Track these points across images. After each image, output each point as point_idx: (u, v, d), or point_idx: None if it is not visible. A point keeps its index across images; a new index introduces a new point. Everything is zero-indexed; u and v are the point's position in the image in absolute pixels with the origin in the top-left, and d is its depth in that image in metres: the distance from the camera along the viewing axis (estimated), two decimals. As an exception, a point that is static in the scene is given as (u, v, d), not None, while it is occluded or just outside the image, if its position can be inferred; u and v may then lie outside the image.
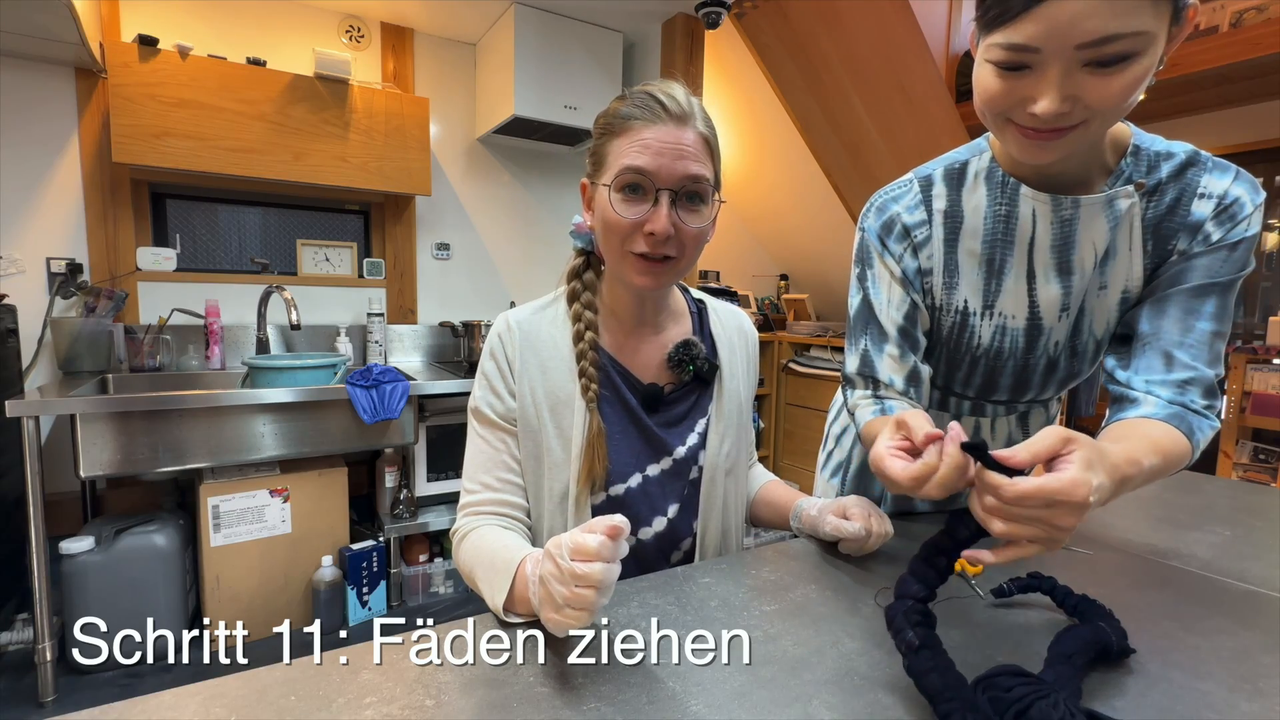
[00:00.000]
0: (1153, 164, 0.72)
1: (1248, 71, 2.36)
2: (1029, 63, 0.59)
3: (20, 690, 1.65)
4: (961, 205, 0.79)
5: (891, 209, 0.81)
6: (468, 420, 0.82)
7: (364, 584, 2.07)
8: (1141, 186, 0.71)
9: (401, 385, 2.02)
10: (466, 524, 0.76)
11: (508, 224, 2.98)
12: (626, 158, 0.71)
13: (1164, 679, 0.54)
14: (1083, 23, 0.55)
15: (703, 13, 2.37)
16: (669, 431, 0.82)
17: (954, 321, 0.82)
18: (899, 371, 0.81)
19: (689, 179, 0.71)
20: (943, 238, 0.80)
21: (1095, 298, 0.77)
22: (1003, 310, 0.79)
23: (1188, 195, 0.71)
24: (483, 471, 0.78)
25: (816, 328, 3.47)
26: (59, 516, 2.04)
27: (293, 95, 2.27)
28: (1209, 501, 1.09)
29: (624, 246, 0.73)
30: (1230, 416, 2.68)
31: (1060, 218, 0.73)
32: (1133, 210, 0.72)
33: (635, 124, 0.71)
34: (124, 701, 0.48)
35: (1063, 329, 0.79)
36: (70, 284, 2.14)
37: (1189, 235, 0.72)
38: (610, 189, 0.71)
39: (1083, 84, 0.58)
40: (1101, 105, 0.59)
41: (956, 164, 0.80)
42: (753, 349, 0.93)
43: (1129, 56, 0.56)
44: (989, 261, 0.78)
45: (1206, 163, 0.72)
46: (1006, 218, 0.76)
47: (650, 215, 0.71)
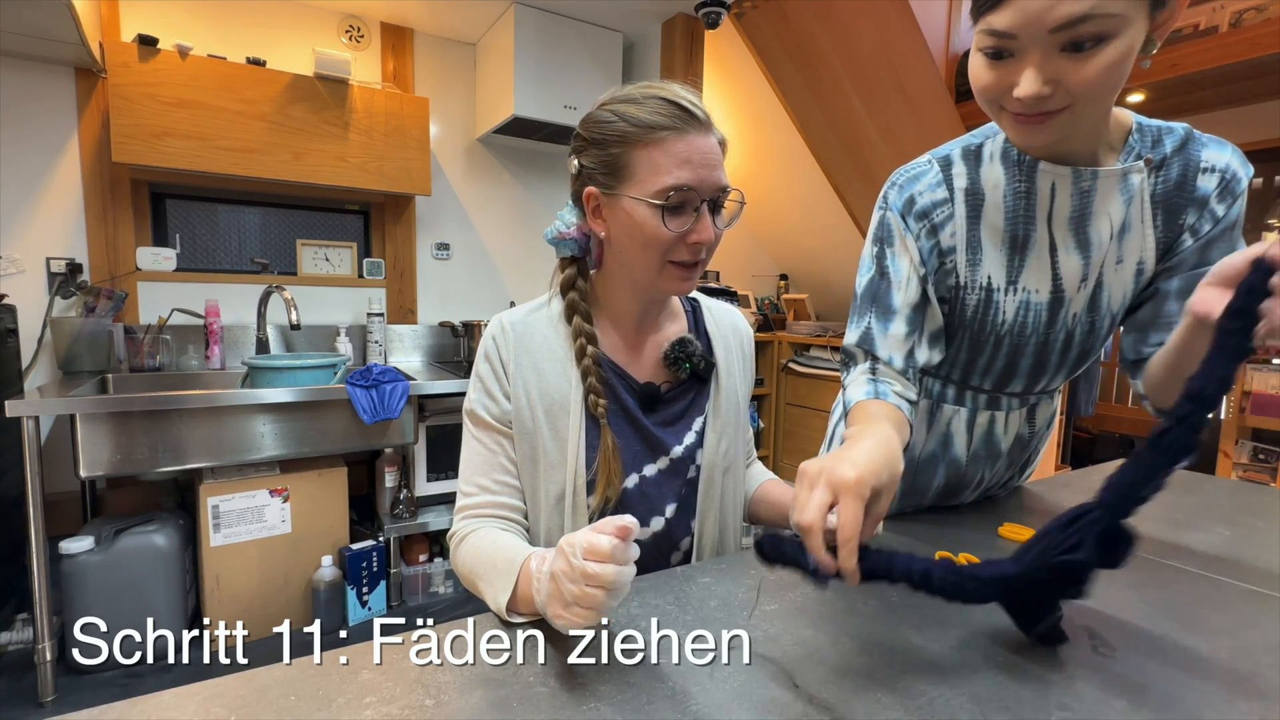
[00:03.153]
0: (1156, 139, 0.76)
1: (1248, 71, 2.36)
2: (1010, 49, 0.62)
3: (20, 690, 1.65)
4: (981, 183, 0.80)
5: (913, 187, 0.82)
6: (463, 422, 0.82)
7: (364, 584, 2.07)
8: (1150, 162, 0.74)
9: (401, 385, 2.02)
10: (464, 526, 0.76)
11: (508, 224, 2.98)
12: (669, 175, 0.70)
13: (1164, 679, 0.54)
14: (1055, 7, 0.57)
15: (702, 13, 2.38)
16: (666, 431, 0.81)
17: (978, 299, 0.82)
18: (900, 349, 0.80)
19: (722, 189, 0.73)
20: (965, 215, 0.80)
21: (1113, 271, 0.79)
22: (1026, 286, 0.80)
23: (1192, 169, 0.75)
24: (479, 474, 0.78)
25: (816, 328, 3.47)
26: (59, 516, 2.04)
27: (292, 95, 2.27)
28: (1209, 501, 1.09)
29: (665, 257, 0.74)
30: (1230, 416, 2.68)
31: (1080, 189, 0.75)
32: (1143, 185, 0.75)
33: (665, 135, 0.70)
34: (124, 701, 0.48)
35: (1081, 300, 0.81)
36: (70, 284, 2.14)
37: (1197, 210, 0.75)
38: (661, 207, 0.70)
39: (1062, 67, 0.61)
40: (1080, 88, 0.61)
41: (973, 145, 0.81)
42: (748, 346, 0.92)
43: (1104, 38, 0.59)
44: (1012, 237, 0.79)
45: (1200, 137, 0.77)
46: (1026, 194, 0.77)
47: (695, 226, 0.72)
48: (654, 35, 2.72)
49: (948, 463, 0.95)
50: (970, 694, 0.51)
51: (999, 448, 0.94)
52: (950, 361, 0.89)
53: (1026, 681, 0.53)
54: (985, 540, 0.86)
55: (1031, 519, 0.96)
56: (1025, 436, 0.96)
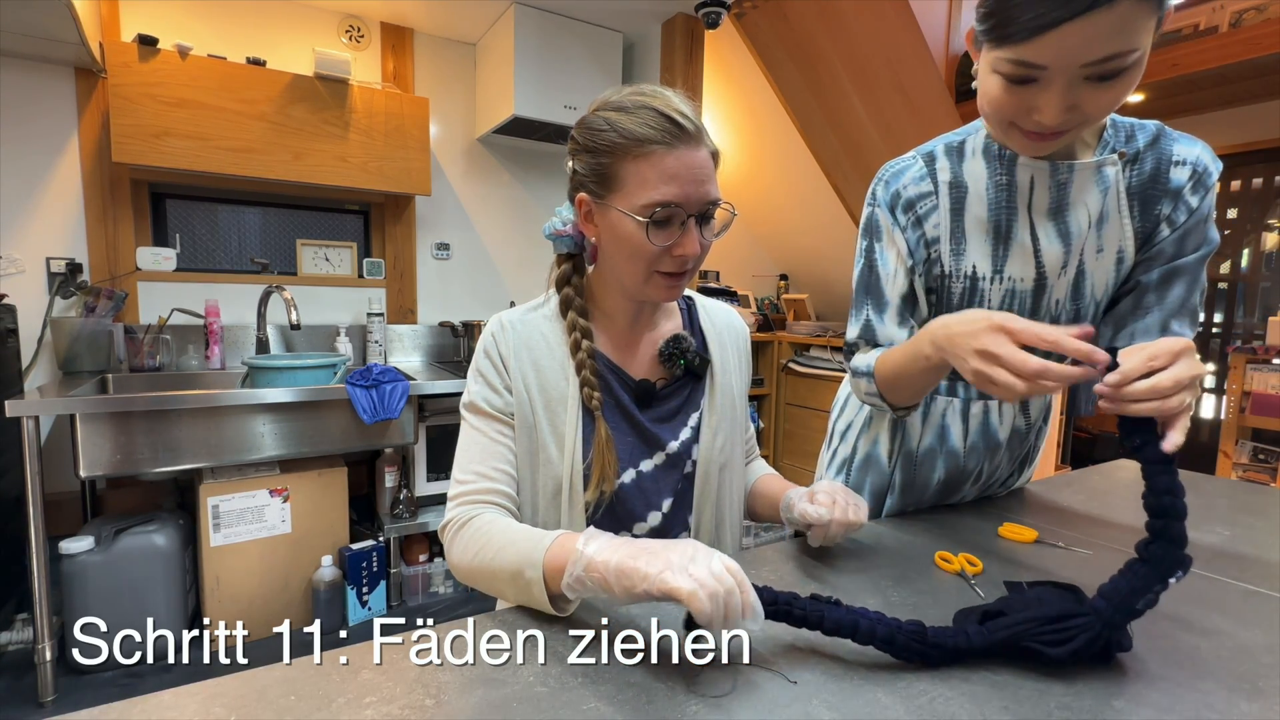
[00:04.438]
0: (1129, 135, 0.80)
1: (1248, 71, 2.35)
2: (1035, 77, 0.64)
3: (20, 690, 1.65)
4: (964, 176, 0.84)
5: (899, 181, 0.85)
6: (461, 416, 0.81)
7: (364, 584, 2.07)
8: (1124, 155, 0.79)
9: (401, 385, 2.02)
10: (462, 513, 0.74)
11: (508, 224, 2.98)
12: (655, 191, 0.70)
13: (1164, 679, 0.54)
14: (1090, 45, 0.60)
15: (702, 13, 2.37)
16: (662, 427, 0.82)
17: (964, 287, 0.85)
18: (897, 335, 0.86)
19: (710, 203, 0.73)
20: (949, 207, 0.84)
21: (1094, 259, 0.82)
22: (1011, 275, 0.83)
23: (1164, 163, 0.79)
24: (478, 462, 0.77)
25: (816, 328, 3.47)
26: (59, 516, 2.04)
27: (293, 95, 2.27)
28: (1209, 501, 1.09)
29: (651, 268, 0.74)
30: (1230, 416, 2.68)
31: (1057, 181, 0.79)
32: (1118, 177, 0.79)
33: (655, 149, 0.70)
34: (124, 701, 0.48)
35: (1064, 286, 0.84)
36: (70, 284, 2.14)
37: (1171, 201, 0.79)
38: (645, 222, 0.70)
39: (1083, 95, 0.64)
40: (1100, 113, 0.67)
41: (955, 141, 0.85)
42: (744, 344, 0.93)
43: (1127, 69, 0.62)
44: (995, 227, 0.82)
45: (1170, 133, 0.80)
46: (1008, 186, 0.81)
47: (681, 240, 0.72)
48: (654, 35, 2.72)
49: (946, 455, 0.96)
50: (970, 694, 0.51)
51: (997, 438, 0.95)
52: None
53: (1026, 681, 0.53)
54: (985, 540, 0.86)
55: (1031, 519, 0.96)
56: (1023, 429, 0.97)
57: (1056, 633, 0.54)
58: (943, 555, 0.77)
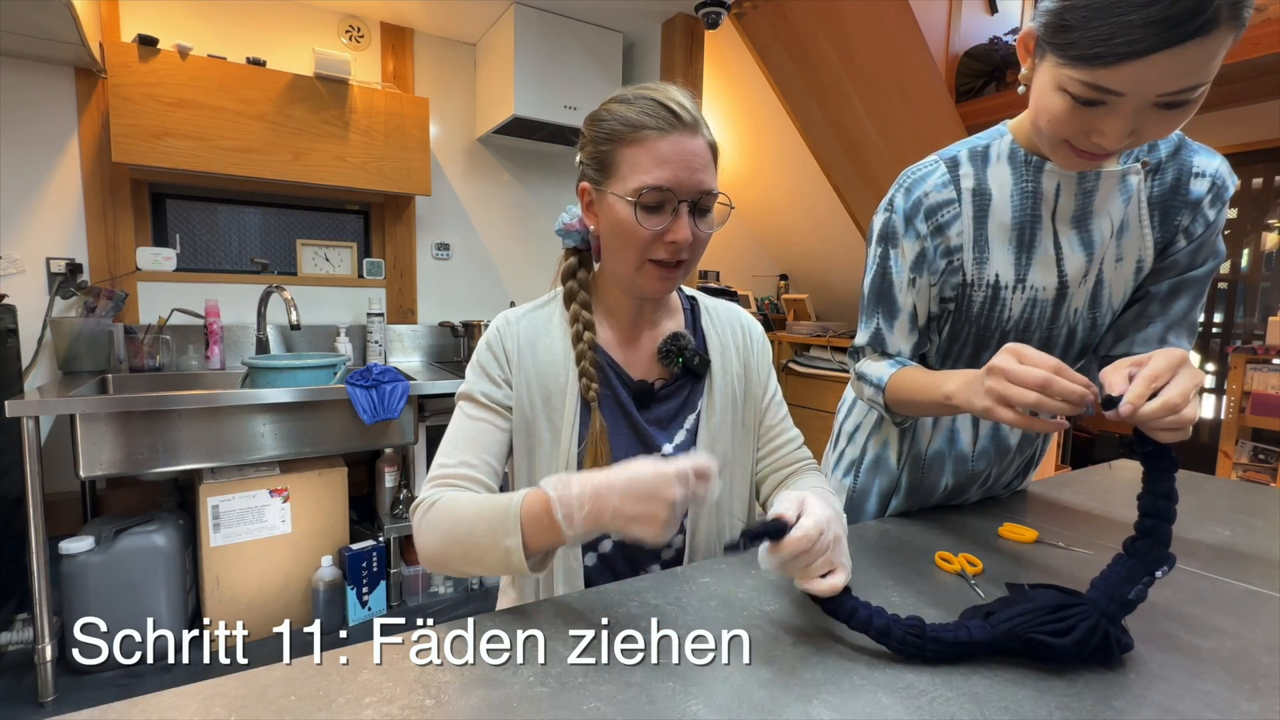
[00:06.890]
0: (1151, 145, 0.79)
1: (1248, 71, 2.36)
2: (1106, 100, 0.61)
3: (20, 690, 1.65)
4: (988, 183, 0.82)
5: (921, 188, 0.83)
6: (456, 406, 0.80)
7: (364, 584, 2.07)
8: (1146, 165, 0.78)
9: (401, 385, 2.02)
10: (432, 494, 0.71)
11: (508, 224, 2.98)
12: (647, 174, 0.71)
13: (1164, 679, 0.54)
14: (1173, 77, 0.58)
15: (702, 13, 2.37)
16: (658, 430, 0.82)
17: (985, 296, 0.84)
18: (906, 344, 0.87)
19: (704, 192, 0.73)
20: (972, 215, 0.82)
21: (1113, 268, 0.82)
22: (1034, 283, 0.82)
23: (1185, 174, 0.78)
24: (463, 450, 0.76)
25: (816, 328, 3.47)
26: (59, 516, 2.04)
27: (292, 95, 2.27)
28: (1209, 501, 1.09)
29: (643, 255, 0.74)
30: (1230, 416, 2.68)
31: (1083, 189, 0.78)
32: (1140, 187, 0.78)
33: (649, 134, 0.71)
34: (124, 701, 0.48)
35: (1083, 296, 0.83)
36: (70, 284, 2.14)
37: (1191, 212, 0.79)
38: (634, 204, 0.71)
39: (1148, 119, 0.62)
40: (1155, 138, 0.66)
41: (980, 146, 0.83)
42: (758, 345, 0.91)
43: (1195, 99, 0.61)
44: (1019, 236, 0.81)
45: (1191, 144, 0.80)
46: (1033, 194, 0.80)
47: (672, 225, 0.73)
48: (654, 35, 2.72)
49: (954, 459, 0.95)
50: (970, 694, 0.51)
51: (1008, 443, 0.95)
52: (955, 357, 0.90)
53: (1026, 681, 0.53)
54: (986, 540, 0.86)
55: (1032, 519, 0.96)
56: (1032, 434, 0.97)
57: (1057, 622, 0.54)
58: (943, 555, 0.77)
